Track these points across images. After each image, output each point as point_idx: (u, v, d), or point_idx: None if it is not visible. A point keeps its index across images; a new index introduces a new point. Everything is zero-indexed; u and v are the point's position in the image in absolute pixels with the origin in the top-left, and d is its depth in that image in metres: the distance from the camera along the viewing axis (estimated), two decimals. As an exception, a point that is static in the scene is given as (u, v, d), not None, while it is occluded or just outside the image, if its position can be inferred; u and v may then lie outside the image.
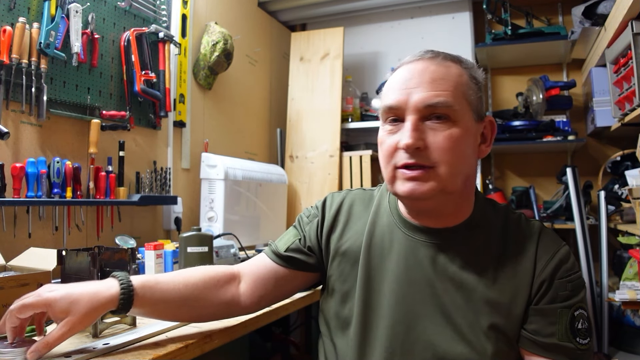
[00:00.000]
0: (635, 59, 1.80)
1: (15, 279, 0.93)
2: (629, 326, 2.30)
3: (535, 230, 0.84)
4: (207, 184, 2.09)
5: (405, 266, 0.84)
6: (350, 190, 0.99)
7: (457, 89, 0.79)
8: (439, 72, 0.79)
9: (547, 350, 0.76)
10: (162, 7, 2.02)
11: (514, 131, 2.73)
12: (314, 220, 0.96)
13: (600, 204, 2.48)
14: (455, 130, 0.77)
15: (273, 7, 2.98)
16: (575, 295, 0.79)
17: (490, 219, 0.86)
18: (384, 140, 0.82)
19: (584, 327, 0.77)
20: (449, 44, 2.98)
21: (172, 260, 1.51)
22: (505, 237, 0.83)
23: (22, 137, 1.49)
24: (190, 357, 0.91)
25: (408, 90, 0.79)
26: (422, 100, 0.77)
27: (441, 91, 0.77)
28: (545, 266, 0.79)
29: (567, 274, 0.79)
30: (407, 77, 0.80)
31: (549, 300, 0.78)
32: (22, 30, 1.42)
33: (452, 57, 0.83)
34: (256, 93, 2.83)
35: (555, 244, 0.82)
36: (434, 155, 0.77)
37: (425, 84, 0.78)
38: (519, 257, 0.81)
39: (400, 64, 0.85)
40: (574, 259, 0.82)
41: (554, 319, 0.77)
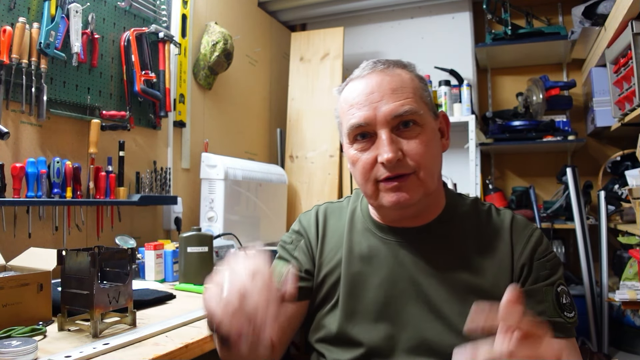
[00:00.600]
0: (635, 59, 1.80)
1: (15, 279, 0.93)
2: (629, 326, 2.30)
3: (507, 217, 0.87)
4: (207, 184, 2.09)
5: (387, 270, 0.85)
6: (319, 205, 0.99)
7: (416, 93, 0.82)
8: (395, 81, 0.82)
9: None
10: (162, 7, 2.02)
11: (514, 131, 2.73)
12: (300, 242, 0.94)
13: (600, 204, 2.48)
14: (424, 134, 0.81)
15: (273, 7, 2.98)
16: (555, 272, 0.82)
17: (461, 211, 0.89)
18: (358, 158, 0.82)
19: (568, 301, 0.81)
20: (449, 44, 2.99)
21: (172, 260, 1.51)
22: (479, 227, 0.87)
23: (22, 137, 1.49)
24: (190, 357, 0.91)
25: (373, 104, 0.80)
26: (390, 112, 0.79)
27: (404, 99, 0.80)
28: (522, 250, 0.83)
29: (544, 255, 0.83)
30: (366, 91, 0.82)
31: (532, 282, 0.81)
32: (22, 30, 1.42)
33: (398, 64, 0.86)
34: (256, 93, 2.83)
35: (528, 228, 0.86)
36: (411, 163, 0.79)
37: (387, 96, 0.80)
38: (495, 244, 0.84)
39: (351, 79, 0.86)
40: (547, 239, 0.86)
41: (541, 297, 0.80)
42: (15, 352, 0.75)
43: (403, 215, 0.86)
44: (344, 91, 0.87)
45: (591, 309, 2.41)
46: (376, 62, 0.85)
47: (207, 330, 0.64)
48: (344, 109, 0.85)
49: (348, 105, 0.83)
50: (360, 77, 0.84)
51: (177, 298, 1.28)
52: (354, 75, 0.86)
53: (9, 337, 0.84)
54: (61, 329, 0.94)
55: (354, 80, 0.85)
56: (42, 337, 0.90)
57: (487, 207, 0.90)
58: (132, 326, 0.98)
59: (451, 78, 2.75)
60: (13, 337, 0.84)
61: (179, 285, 1.39)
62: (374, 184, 0.82)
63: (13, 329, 0.89)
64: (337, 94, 0.90)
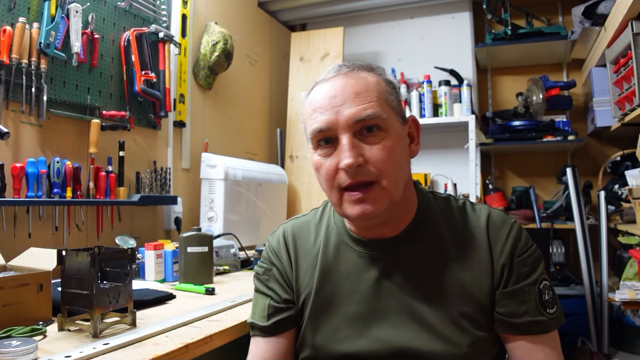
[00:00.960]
0: (635, 59, 1.80)
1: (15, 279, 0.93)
2: (629, 326, 2.30)
3: (483, 214, 0.85)
4: (207, 184, 2.09)
5: (366, 284, 0.84)
6: (285, 224, 0.97)
7: (380, 97, 0.79)
8: (359, 84, 0.79)
9: (523, 329, 0.79)
10: (162, 7, 2.02)
11: (514, 131, 2.73)
12: (272, 271, 0.92)
13: (600, 204, 2.48)
14: (388, 140, 0.78)
15: (273, 7, 2.98)
16: (536, 269, 0.81)
17: (435, 211, 0.87)
18: (322, 164, 0.80)
19: (550, 296, 0.81)
20: (449, 44, 2.99)
21: (172, 260, 1.51)
22: (455, 226, 0.85)
23: (22, 137, 1.49)
24: (190, 357, 0.90)
25: (335, 108, 0.77)
26: (352, 116, 0.76)
27: (367, 103, 0.77)
28: (502, 250, 0.81)
29: (524, 251, 0.81)
30: (329, 95, 0.79)
31: (514, 282, 0.80)
32: (22, 30, 1.42)
33: (365, 67, 0.83)
34: (256, 93, 2.83)
35: (506, 225, 0.83)
36: (374, 170, 0.77)
37: (350, 100, 0.77)
38: (472, 244, 0.83)
39: (316, 84, 0.83)
40: (526, 233, 0.84)
41: (524, 297, 0.79)
42: (15, 352, 0.75)
43: (370, 225, 0.84)
44: (310, 95, 0.84)
45: (591, 309, 2.41)
46: (341, 65, 0.83)
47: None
48: (308, 113, 0.82)
49: (311, 110, 0.81)
50: (324, 80, 0.82)
51: (177, 298, 1.27)
52: (319, 78, 0.83)
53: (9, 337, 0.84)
54: (61, 329, 0.94)
55: (319, 83, 0.82)
56: (42, 337, 0.90)
57: (461, 203, 0.88)
58: (132, 326, 0.98)
59: (451, 78, 2.75)
60: (13, 337, 0.84)
61: (179, 285, 1.39)
62: (338, 192, 0.79)
63: (13, 329, 0.89)
64: (304, 98, 0.87)
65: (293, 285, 0.91)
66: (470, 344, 0.79)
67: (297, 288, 0.90)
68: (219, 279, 1.54)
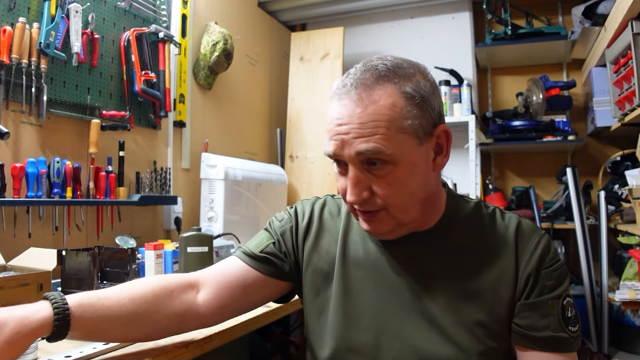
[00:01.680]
0: (635, 59, 1.80)
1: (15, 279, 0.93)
2: (629, 326, 2.30)
3: (513, 222, 0.83)
4: (207, 184, 2.09)
5: (383, 275, 0.83)
6: (318, 198, 0.97)
7: (391, 126, 0.71)
8: (368, 113, 0.71)
9: (544, 344, 0.76)
10: (162, 7, 2.02)
11: (514, 131, 2.73)
12: (287, 225, 0.92)
13: (600, 204, 2.48)
14: (397, 172, 0.73)
15: (273, 7, 2.98)
16: (562, 284, 0.79)
17: (463, 215, 0.85)
18: (337, 179, 0.80)
19: (573, 314, 0.78)
20: (449, 44, 2.99)
21: (172, 260, 1.51)
22: (482, 232, 0.83)
23: (22, 137, 1.49)
24: (190, 357, 0.91)
25: (340, 136, 0.74)
26: (355, 150, 0.72)
27: (370, 136, 0.71)
28: (529, 260, 0.79)
29: (551, 264, 0.79)
30: (337, 118, 0.74)
31: (538, 294, 0.78)
32: (22, 30, 1.42)
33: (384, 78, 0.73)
34: (256, 93, 2.83)
35: (535, 235, 0.81)
36: (380, 201, 0.75)
37: (354, 131, 0.72)
38: (498, 251, 0.80)
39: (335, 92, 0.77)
40: (554, 247, 0.81)
41: (546, 311, 0.77)
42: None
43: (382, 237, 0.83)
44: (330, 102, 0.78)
45: (591, 309, 2.41)
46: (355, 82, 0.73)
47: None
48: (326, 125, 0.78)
49: (327, 127, 0.78)
50: (337, 96, 0.75)
51: (177, 298, 1.27)
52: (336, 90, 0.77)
53: (9, 337, 0.84)
54: (61, 329, 0.93)
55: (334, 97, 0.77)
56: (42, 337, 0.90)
57: (490, 210, 0.85)
58: (132, 326, 0.97)
59: (451, 78, 2.75)
60: (13, 337, 0.84)
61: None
62: (351, 206, 0.80)
63: (13, 329, 0.89)
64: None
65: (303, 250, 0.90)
66: (481, 352, 0.76)
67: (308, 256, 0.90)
68: (219, 279, 1.54)
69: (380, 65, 0.75)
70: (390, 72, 0.74)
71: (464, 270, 0.80)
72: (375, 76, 0.74)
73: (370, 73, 0.74)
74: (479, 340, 0.77)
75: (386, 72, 0.74)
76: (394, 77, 0.74)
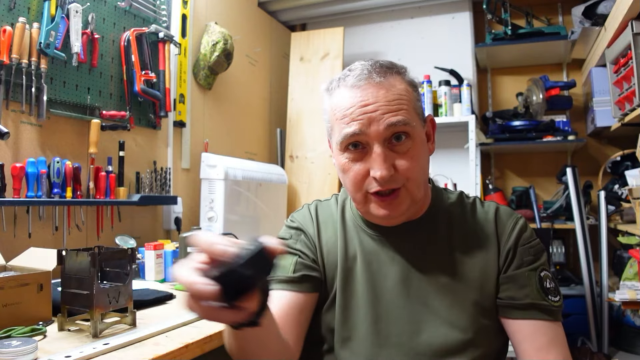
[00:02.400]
0: (635, 59, 1.80)
1: (15, 279, 0.93)
2: (629, 326, 2.30)
3: (492, 208, 0.90)
4: (207, 184, 2.09)
5: (377, 266, 0.87)
6: (308, 204, 0.99)
7: (409, 105, 0.82)
8: (392, 93, 0.80)
9: (525, 311, 0.81)
10: (162, 7, 2.02)
11: (514, 131, 2.73)
12: (300, 237, 0.93)
13: (600, 204, 2.48)
14: (414, 148, 0.81)
15: (273, 7, 2.98)
16: (539, 259, 0.85)
17: (447, 205, 0.91)
18: (349, 169, 0.82)
19: (552, 286, 0.83)
20: (449, 44, 2.99)
21: (172, 260, 1.51)
22: (465, 220, 0.89)
23: (22, 137, 1.49)
24: (190, 357, 0.91)
25: (367, 115, 0.79)
26: (385, 125, 0.78)
27: (399, 110, 0.79)
28: (508, 238, 0.86)
29: (528, 241, 0.86)
30: (361, 102, 0.80)
31: (516, 267, 0.84)
32: (22, 30, 1.42)
33: (392, 69, 0.83)
34: (256, 93, 2.83)
35: (512, 217, 0.89)
36: (402, 177, 0.80)
37: (383, 107, 0.79)
38: (481, 235, 0.87)
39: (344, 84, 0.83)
40: (531, 228, 0.88)
41: (524, 281, 0.82)
42: (15, 352, 0.75)
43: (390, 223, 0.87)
44: (336, 95, 0.84)
45: (591, 309, 2.41)
46: (371, 71, 0.82)
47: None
48: (336, 116, 0.83)
49: (341, 114, 0.82)
50: (356, 86, 0.81)
51: (177, 298, 1.28)
52: (348, 81, 0.82)
53: (9, 337, 0.84)
54: (61, 329, 0.94)
55: (348, 87, 0.82)
56: (42, 337, 0.90)
57: (471, 200, 0.93)
58: (132, 326, 0.98)
59: (451, 78, 2.75)
60: (13, 337, 0.84)
61: (179, 285, 1.39)
62: (365, 195, 0.82)
63: (13, 329, 0.89)
64: (325, 92, 0.88)
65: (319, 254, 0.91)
66: (476, 330, 0.81)
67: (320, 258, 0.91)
68: (219, 279, 1.54)
69: (379, 62, 0.84)
70: (391, 65, 0.85)
71: (453, 255, 0.86)
72: (384, 68, 0.83)
73: (377, 66, 0.83)
74: (473, 319, 0.82)
75: (388, 66, 0.84)
76: (396, 69, 0.84)
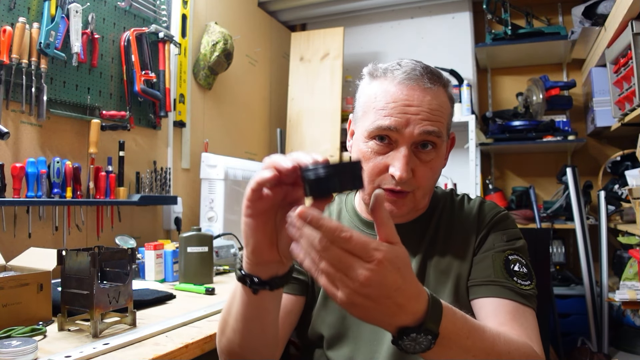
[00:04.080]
0: (635, 59, 1.80)
1: (15, 279, 0.93)
2: (629, 326, 2.30)
3: (477, 203, 0.92)
4: (207, 184, 2.09)
5: None
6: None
7: (446, 119, 0.83)
8: (435, 102, 0.81)
9: (486, 287, 0.80)
10: (162, 7, 2.02)
11: (514, 131, 2.73)
12: None
13: (600, 204, 2.47)
14: (437, 160, 0.83)
15: (273, 7, 2.98)
16: (511, 244, 0.84)
17: (438, 204, 0.93)
18: (370, 158, 0.82)
19: (522, 270, 0.81)
20: (449, 44, 2.99)
21: (172, 260, 1.51)
22: (454, 217, 0.91)
23: (22, 137, 1.49)
24: (190, 357, 0.91)
25: (407, 116, 0.79)
26: (420, 130, 0.79)
27: (437, 122, 0.80)
28: (485, 226, 0.87)
29: (503, 228, 0.86)
30: (404, 100, 0.80)
31: (485, 250, 0.85)
32: (22, 30, 1.42)
33: (440, 79, 0.83)
34: (256, 93, 2.83)
35: (495, 209, 0.90)
36: (416, 183, 0.81)
37: (424, 114, 0.79)
38: (465, 228, 0.88)
39: (392, 76, 0.82)
40: (513, 220, 0.89)
41: (488, 262, 0.82)
42: (15, 352, 0.75)
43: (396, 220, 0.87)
44: (380, 84, 0.83)
45: (591, 309, 2.41)
46: (423, 74, 0.81)
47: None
48: (375, 105, 0.81)
49: (382, 105, 0.81)
50: (404, 83, 0.80)
51: (177, 298, 1.28)
52: (397, 75, 0.81)
53: (9, 337, 0.84)
54: (61, 329, 0.94)
55: (396, 81, 0.81)
56: (42, 337, 0.90)
57: (460, 197, 0.95)
58: (132, 326, 0.98)
59: (451, 78, 2.75)
60: (13, 337, 0.84)
61: (179, 285, 1.39)
62: (376, 188, 0.82)
63: (13, 329, 0.89)
64: (367, 76, 0.86)
65: None
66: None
67: None
68: (219, 279, 1.54)
69: (430, 67, 0.84)
70: (440, 75, 0.84)
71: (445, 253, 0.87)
72: (435, 76, 0.83)
73: (428, 71, 0.83)
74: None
75: (438, 75, 0.84)
76: (443, 81, 0.84)
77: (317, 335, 0.89)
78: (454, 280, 0.84)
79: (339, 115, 2.74)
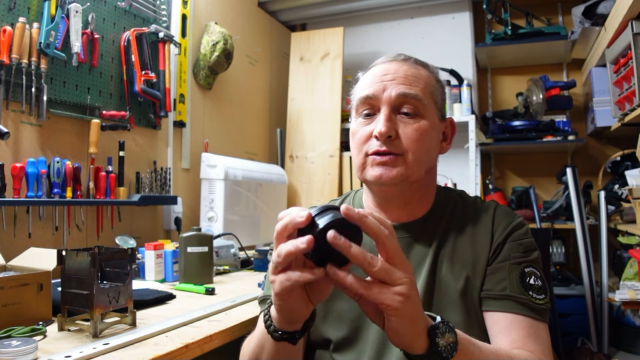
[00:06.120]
0: (635, 59, 1.80)
1: (15, 279, 0.93)
2: (629, 326, 2.30)
3: (491, 207, 0.91)
4: (207, 184, 2.09)
5: None
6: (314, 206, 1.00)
7: (427, 87, 0.87)
8: (411, 71, 0.87)
9: (501, 301, 0.80)
10: (162, 7, 2.02)
11: (514, 131, 2.73)
12: None
13: (600, 204, 2.47)
14: (422, 124, 0.84)
15: (273, 7, 2.98)
16: (527, 256, 0.84)
17: (449, 204, 0.92)
18: (357, 130, 0.87)
19: (537, 284, 0.81)
20: (449, 44, 2.99)
21: (172, 260, 1.51)
22: (466, 218, 0.90)
23: (22, 137, 1.49)
24: (190, 357, 0.90)
25: (384, 83, 0.85)
26: (396, 91, 0.84)
27: (413, 86, 0.85)
28: (501, 233, 0.86)
29: (519, 238, 0.86)
30: (382, 72, 0.87)
31: (500, 260, 0.84)
32: (22, 30, 1.42)
33: (421, 62, 0.91)
34: (256, 93, 2.83)
35: (510, 216, 0.89)
36: (403, 145, 0.83)
37: (399, 79, 0.85)
38: (478, 231, 0.88)
39: (373, 64, 0.91)
40: (528, 228, 0.89)
41: (504, 274, 0.82)
42: (15, 352, 0.75)
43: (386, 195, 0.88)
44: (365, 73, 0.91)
45: (591, 309, 2.41)
46: (399, 54, 0.90)
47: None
48: (359, 85, 0.90)
49: (363, 82, 0.89)
50: (381, 62, 0.89)
51: (177, 298, 1.28)
52: (378, 61, 0.91)
53: (9, 337, 0.84)
54: (61, 329, 0.94)
55: (376, 65, 0.90)
56: (42, 337, 0.90)
57: (472, 198, 0.94)
58: (132, 326, 0.98)
59: (451, 78, 2.75)
60: (13, 337, 0.84)
61: (179, 285, 1.39)
62: (364, 157, 0.85)
63: (13, 329, 0.89)
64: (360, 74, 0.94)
65: None
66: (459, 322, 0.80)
67: None
68: (219, 279, 1.54)
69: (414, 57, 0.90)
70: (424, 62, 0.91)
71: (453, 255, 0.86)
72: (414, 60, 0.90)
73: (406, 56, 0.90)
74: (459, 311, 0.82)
75: (421, 61, 0.91)
76: (427, 66, 0.91)
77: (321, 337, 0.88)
78: (464, 280, 0.83)
79: (339, 115, 2.74)
